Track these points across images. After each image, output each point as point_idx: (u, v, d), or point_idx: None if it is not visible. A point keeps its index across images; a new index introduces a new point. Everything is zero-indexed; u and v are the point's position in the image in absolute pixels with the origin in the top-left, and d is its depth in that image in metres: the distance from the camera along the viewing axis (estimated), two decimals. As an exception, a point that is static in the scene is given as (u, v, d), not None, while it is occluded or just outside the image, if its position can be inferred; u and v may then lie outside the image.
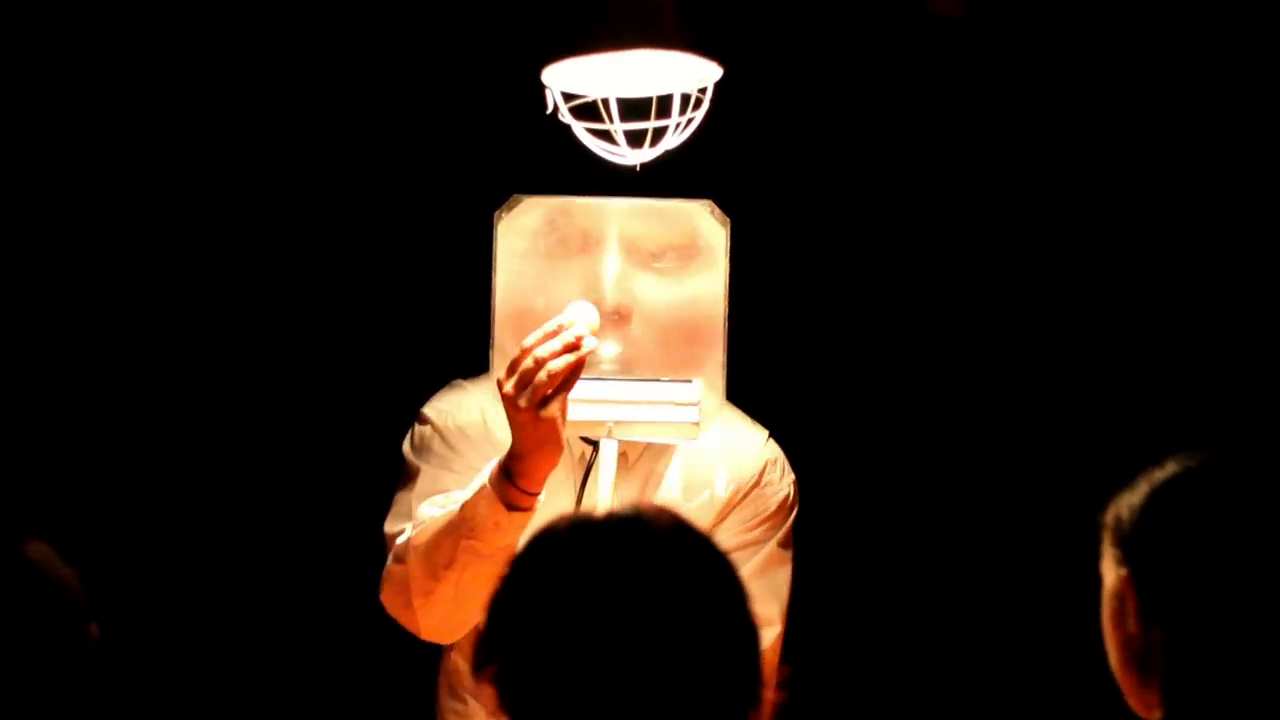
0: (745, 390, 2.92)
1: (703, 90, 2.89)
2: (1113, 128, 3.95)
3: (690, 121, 2.89)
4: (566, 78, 2.87)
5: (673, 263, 2.81)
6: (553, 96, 2.89)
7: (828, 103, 3.98)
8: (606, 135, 2.90)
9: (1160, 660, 1.92)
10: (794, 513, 3.02)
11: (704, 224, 2.81)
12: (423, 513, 2.83)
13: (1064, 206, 4.00)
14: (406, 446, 2.97)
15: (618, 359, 2.77)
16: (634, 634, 1.75)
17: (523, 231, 2.78)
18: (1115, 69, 3.92)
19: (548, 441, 2.68)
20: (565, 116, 2.90)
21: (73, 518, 3.73)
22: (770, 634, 2.92)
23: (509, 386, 2.66)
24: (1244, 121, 3.89)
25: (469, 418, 2.95)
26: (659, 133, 2.88)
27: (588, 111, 2.91)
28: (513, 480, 2.70)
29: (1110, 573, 1.96)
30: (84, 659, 2.07)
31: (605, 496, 2.80)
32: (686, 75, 2.87)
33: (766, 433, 3.05)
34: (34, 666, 2.02)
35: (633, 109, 2.89)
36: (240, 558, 3.97)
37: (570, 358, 2.65)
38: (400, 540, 2.84)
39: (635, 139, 2.89)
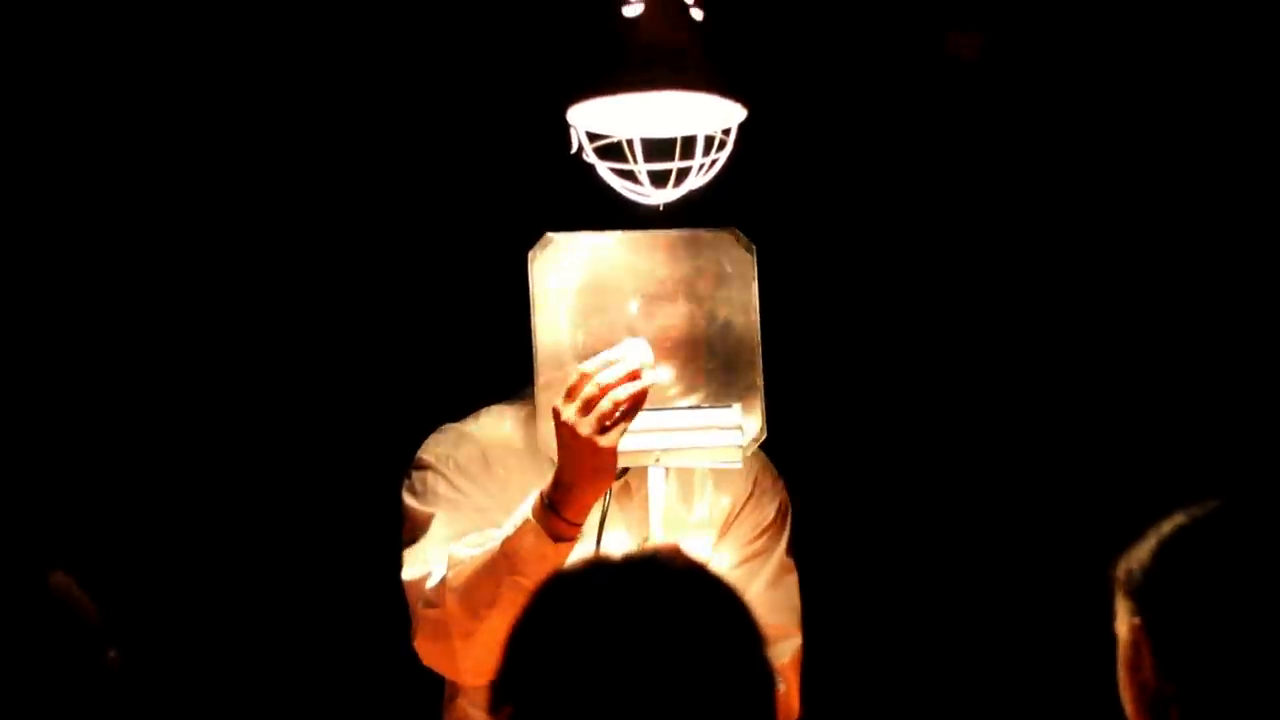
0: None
1: (726, 131, 2.91)
2: (1129, 166, 3.97)
3: (714, 162, 2.91)
4: (591, 117, 2.89)
5: (704, 291, 2.83)
6: (577, 136, 2.90)
7: (847, 143, 4.00)
8: (630, 175, 2.91)
9: (1176, 709, 1.93)
10: (789, 515, 3.04)
11: (731, 251, 2.84)
12: (457, 553, 2.82)
13: (1080, 240, 4.02)
14: (408, 496, 2.97)
15: (658, 389, 2.79)
16: (650, 677, 1.75)
17: (556, 269, 2.81)
18: (1129, 106, 3.93)
19: (602, 471, 2.70)
20: (590, 156, 2.92)
21: (89, 537, 3.75)
22: (791, 646, 2.95)
23: (569, 414, 2.67)
24: (1258, 162, 3.91)
25: (468, 456, 2.96)
26: (683, 173, 2.90)
27: (612, 151, 2.92)
28: (558, 511, 2.71)
29: (1124, 624, 1.97)
30: (103, 686, 2.08)
31: (656, 523, 2.82)
32: (711, 116, 2.89)
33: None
34: (54, 694, 2.04)
35: (657, 149, 2.91)
36: (252, 595, 3.98)
37: (635, 386, 2.67)
38: (430, 584, 2.83)
39: (659, 179, 2.91)
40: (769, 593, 2.96)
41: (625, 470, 2.86)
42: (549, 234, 2.81)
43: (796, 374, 3.82)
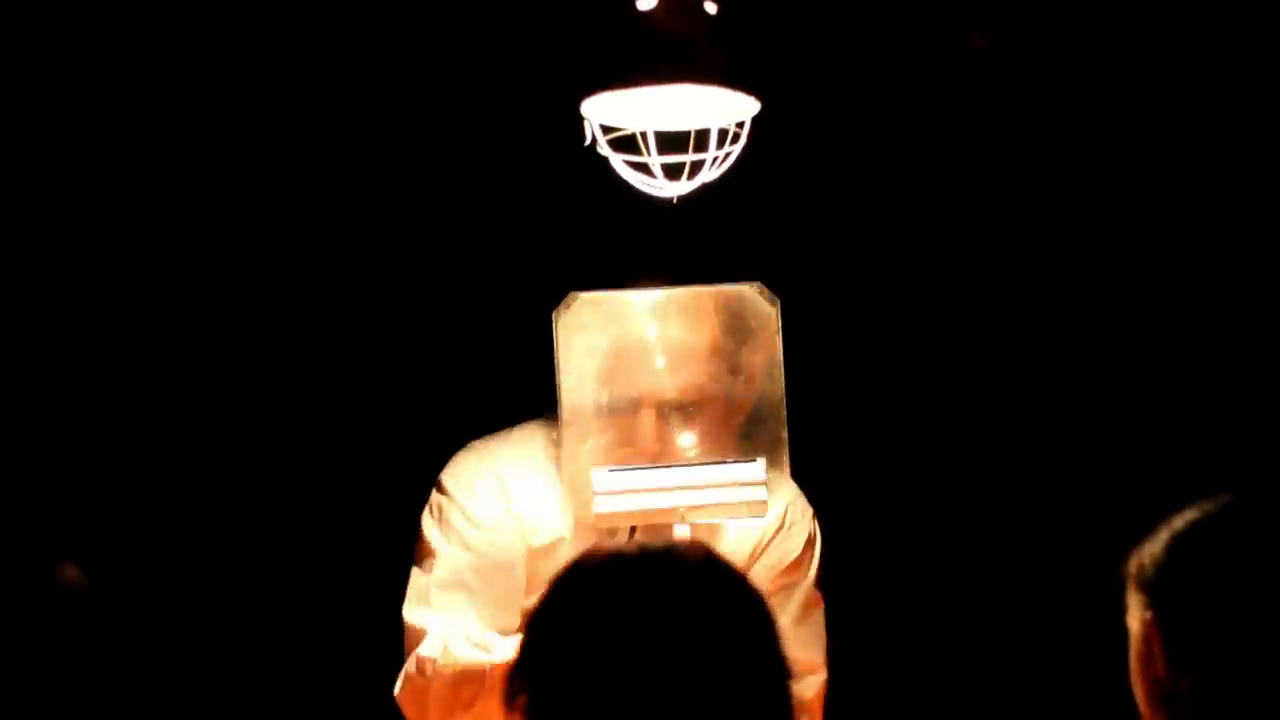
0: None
1: (740, 124, 2.91)
2: (1160, 166, 3.96)
3: (728, 155, 2.91)
4: (606, 110, 2.89)
5: (728, 346, 2.84)
6: (591, 128, 2.91)
7: (860, 135, 4.00)
8: (644, 168, 2.92)
9: (1189, 703, 1.93)
10: (818, 547, 3.04)
11: (755, 306, 2.85)
12: (452, 649, 2.83)
13: (1097, 251, 4.02)
14: (426, 518, 2.98)
15: (683, 445, 2.80)
16: (666, 667, 1.75)
17: (581, 327, 2.82)
18: (1136, 108, 3.93)
19: None
20: (604, 149, 2.92)
21: (109, 542, 3.76)
22: (817, 681, 2.97)
23: None
24: (1268, 161, 3.91)
25: (486, 487, 2.96)
26: (696, 166, 2.90)
27: (626, 144, 2.93)
28: None
29: (1136, 619, 1.97)
30: (106, 675, 2.09)
31: None
32: (724, 109, 2.90)
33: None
34: (57, 682, 2.04)
35: (670, 142, 2.91)
36: (264, 596, 3.99)
37: None
38: (423, 652, 2.86)
39: (673, 172, 2.91)
40: (795, 628, 2.97)
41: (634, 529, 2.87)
42: (573, 293, 2.82)
43: (823, 402, 3.84)
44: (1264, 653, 1.90)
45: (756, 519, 2.87)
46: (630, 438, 2.82)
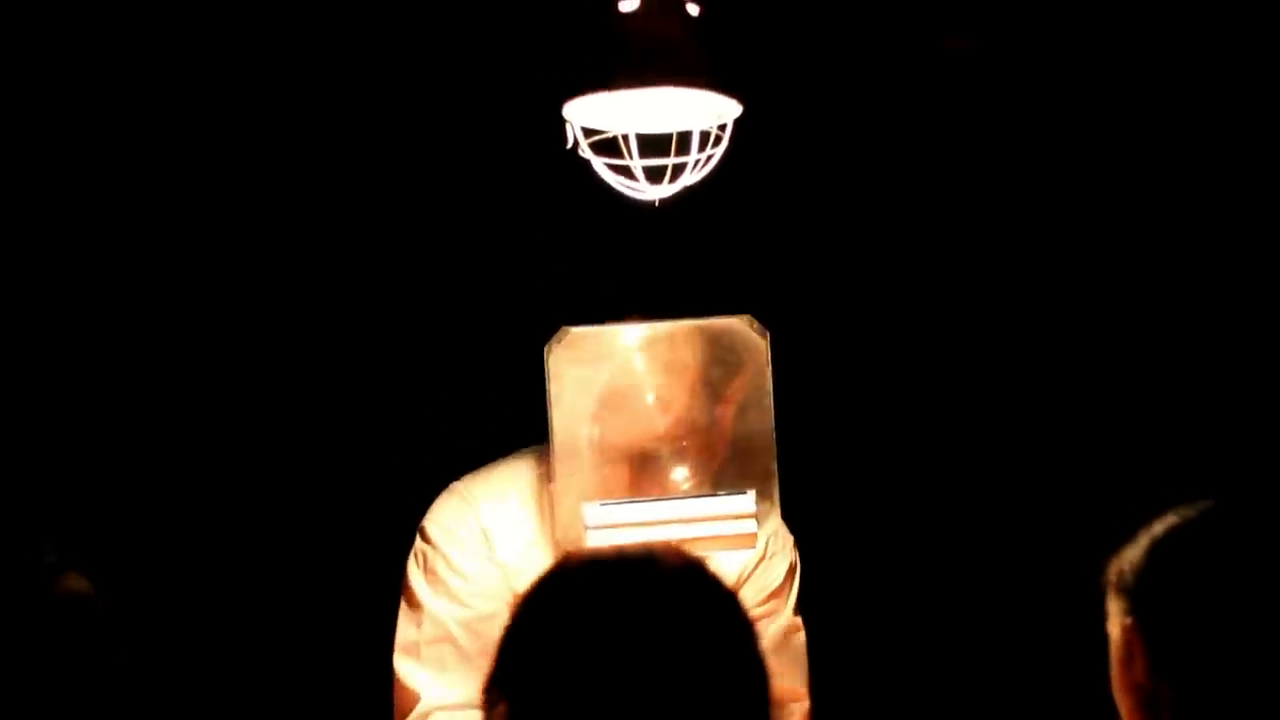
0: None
1: (722, 127, 2.91)
2: (1146, 167, 3.96)
3: (710, 158, 2.91)
4: (587, 113, 2.89)
5: (718, 378, 2.84)
6: (573, 131, 2.90)
7: (842, 138, 4.01)
8: (626, 171, 2.91)
9: (1170, 708, 1.93)
10: (798, 576, 3.06)
11: (745, 338, 2.84)
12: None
13: (1079, 293, 4.03)
14: (411, 565, 2.98)
15: (674, 477, 2.81)
16: (645, 671, 1.75)
17: (572, 362, 2.81)
18: (1133, 94, 3.93)
19: None
20: (585, 152, 2.92)
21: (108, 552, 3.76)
22: (800, 709, 2.98)
23: None
24: (1260, 156, 3.91)
25: (470, 534, 2.96)
26: (678, 169, 2.90)
27: (608, 147, 2.92)
28: None
29: (1116, 624, 1.97)
30: (113, 688, 2.08)
31: None
32: (706, 112, 2.89)
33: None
34: (63, 696, 2.04)
35: (652, 145, 2.91)
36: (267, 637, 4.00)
37: None
38: (412, 715, 2.89)
39: (654, 175, 2.91)
40: (776, 656, 2.96)
41: None
42: (565, 328, 2.81)
43: (802, 426, 3.83)
44: (1244, 657, 1.91)
45: (746, 550, 2.88)
46: (622, 471, 2.82)
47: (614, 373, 2.84)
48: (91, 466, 3.89)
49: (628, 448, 2.82)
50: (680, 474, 2.83)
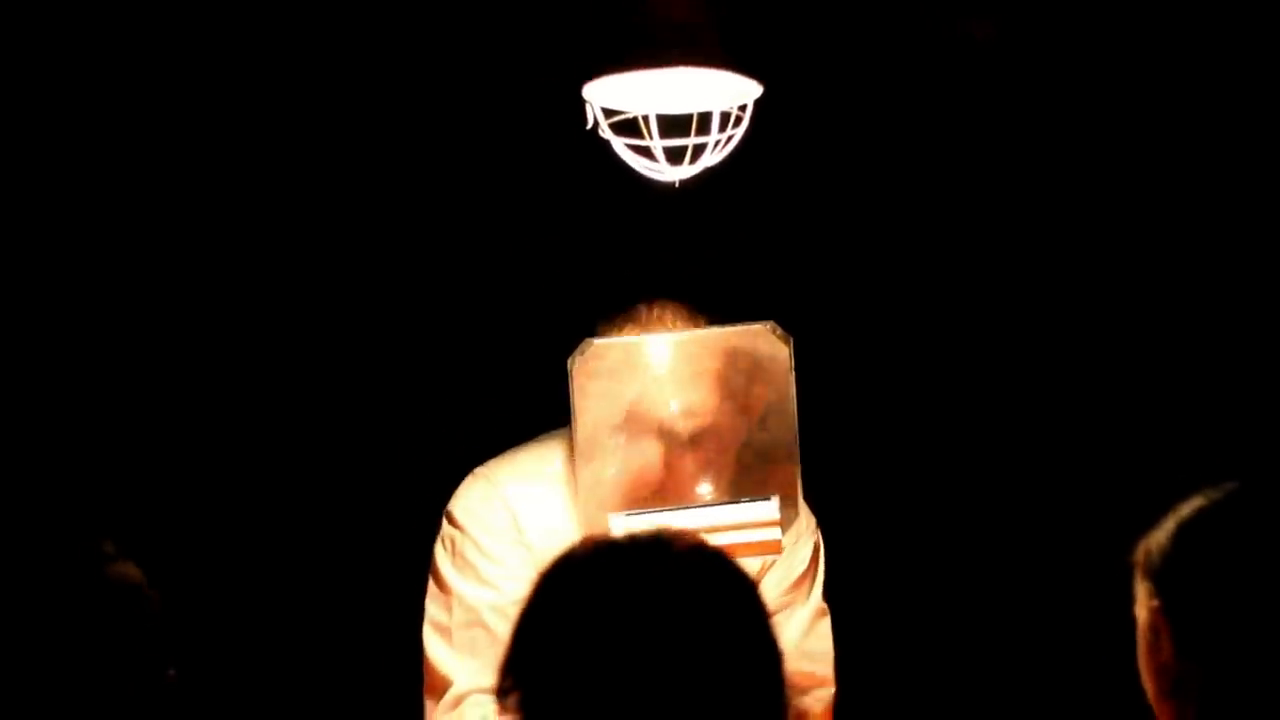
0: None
1: (743, 108, 2.89)
2: (1161, 170, 3.94)
3: (730, 139, 2.89)
4: (607, 94, 2.87)
5: (741, 387, 2.83)
6: (593, 112, 2.89)
7: (862, 120, 3.99)
8: (646, 152, 2.90)
9: (1196, 689, 1.92)
10: (823, 560, 3.05)
11: (767, 345, 2.83)
12: (467, 713, 2.88)
13: (1101, 277, 4.01)
14: (439, 550, 2.98)
15: (698, 486, 2.81)
16: (658, 655, 1.74)
17: (595, 374, 2.80)
18: (1150, 96, 3.91)
19: None
20: (605, 132, 2.91)
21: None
22: (825, 694, 2.98)
23: None
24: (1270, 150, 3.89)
25: (497, 518, 2.96)
26: (699, 149, 2.88)
27: (628, 128, 2.91)
28: None
29: (1143, 607, 1.97)
30: (160, 704, 2.07)
31: None
32: (727, 93, 2.88)
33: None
34: (114, 708, 2.03)
35: (672, 125, 2.89)
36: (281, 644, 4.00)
37: None
38: (445, 698, 2.90)
39: (675, 155, 2.89)
40: (803, 641, 2.99)
41: None
42: (588, 339, 2.80)
43: (828, 411, 3.82)
44: (1271, 639, 1.90)
45: (772, 555, 2.89)
46: (646, 481, 2.82)
47: (637, 384, 2.83)
48: (132, 457, 3.89)
49: (652, 458, 2.82)
50: (704, 482, 2.82)
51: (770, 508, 2.80)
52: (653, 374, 2.83)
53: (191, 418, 3.94)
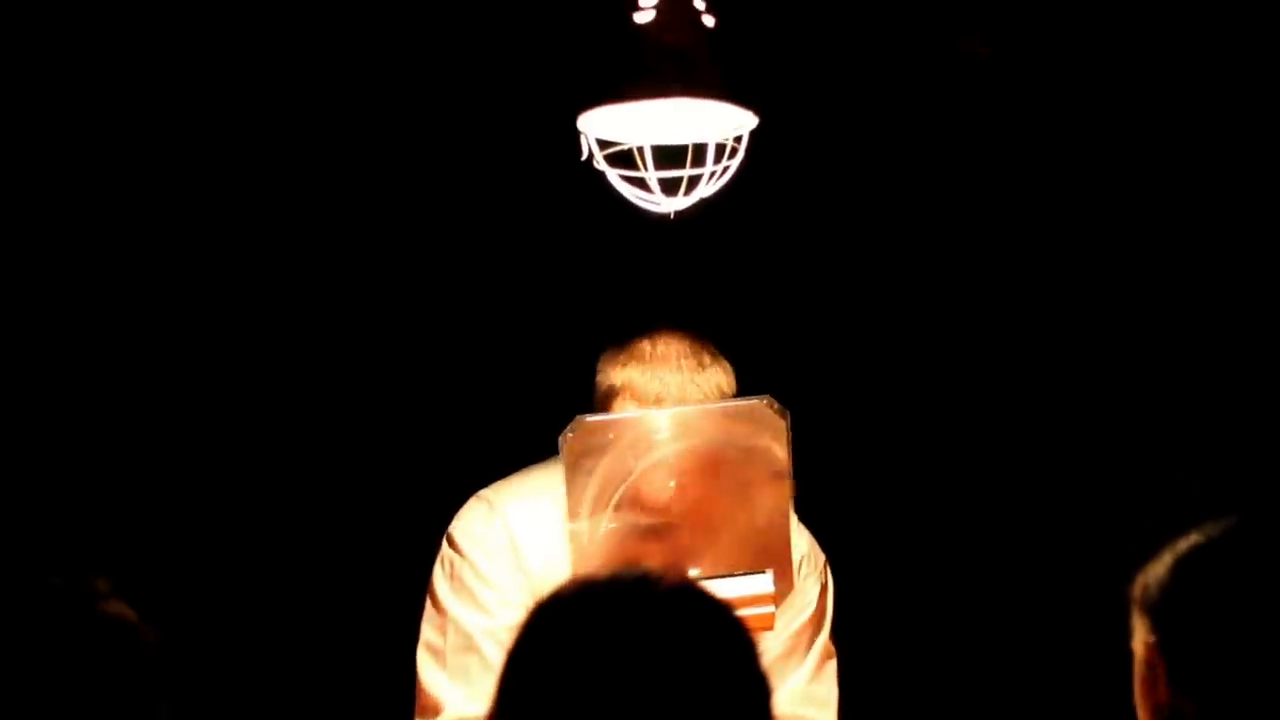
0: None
1: (738, 139, 2.89)
2: (1164, 174, 3.94)
3: (726, 170, 2.89)
4: (602, 125, 2.87)
5: (737, 461, 2.79)
6: (588, 143, 2.89)
7: (859, 149, 3.99)
8: (641, 183, 2.90)
9: (1191, 726, 1.91)
10: (830, 600, 3.02)
11: (764, 420, 2.78)
12: None
13: (1100, 303, 4.01)
14: (437, 572, 2.96)
15: (692, 560, 2.78)
16: (647, 695, 1.73)
17: (588, 450, 2.76)
18: (1151, 105, 3.92)
19: None
20: (600, 164, 2.90)
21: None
22: None
23: None
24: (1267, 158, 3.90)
25: (497, 542, 2.94)
26: (694, 180, 2.88)
27: (623, 159, 2.91)
28: None
29: (1140, 642, 1.96)
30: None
31: None
32: (722, 124, 2.87)
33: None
34: None
35: (667, 157, 2.89)
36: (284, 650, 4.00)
37: None
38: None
39: (670, 187, 2.89)
40: (809, 686, 2.96)
41: None
42: (580, 416, 2.76)
43: (835, 445, 3.82)
44: (1267, 677, 1.89)
45: (765, 630, 2.83)
46: (640, 556, 2.76)
47: (630, 458, 2.77)
48: (131, 474, 3.89)
49: (645, 531, 2.77)
50: (697, 556, 2.78)
51: (765, 581, 2.76)
52: (646, 450, 2.78)
53: (191, 440, 3.94)
